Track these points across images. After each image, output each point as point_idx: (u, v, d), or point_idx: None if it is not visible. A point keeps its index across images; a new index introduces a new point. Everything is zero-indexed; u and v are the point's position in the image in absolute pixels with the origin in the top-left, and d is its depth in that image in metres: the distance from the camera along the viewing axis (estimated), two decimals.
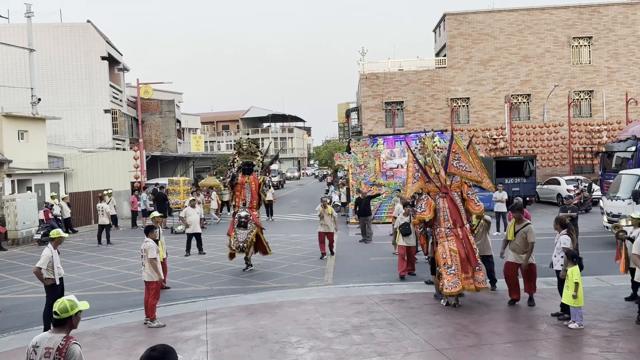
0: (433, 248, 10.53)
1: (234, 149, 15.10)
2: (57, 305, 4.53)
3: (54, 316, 4.52)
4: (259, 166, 14.90)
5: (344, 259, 15.87)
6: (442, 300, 10.30)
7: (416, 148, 11.31)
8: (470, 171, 10.31)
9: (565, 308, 9.01)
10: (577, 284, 8.44)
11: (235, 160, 14.73)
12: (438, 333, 8.67)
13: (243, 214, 14.06)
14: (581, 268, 8.75)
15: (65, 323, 4.52)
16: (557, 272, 9.39)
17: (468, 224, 10.44)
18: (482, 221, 11.13)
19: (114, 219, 24.24)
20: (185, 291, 12.70)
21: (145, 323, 9.81)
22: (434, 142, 10.93)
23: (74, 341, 4.43)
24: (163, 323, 9.78)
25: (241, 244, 13.90)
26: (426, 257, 12.06)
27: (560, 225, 9.61)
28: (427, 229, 10.77)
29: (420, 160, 10.58)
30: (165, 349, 3.62)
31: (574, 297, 8.47)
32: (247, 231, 13.96)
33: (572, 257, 8.69)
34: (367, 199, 19.85)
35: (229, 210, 29.60)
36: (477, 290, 10.18)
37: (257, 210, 14.65)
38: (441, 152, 10.76)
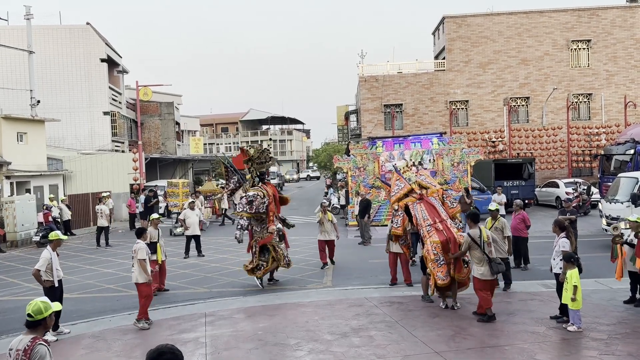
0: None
1: (250, 153, 13.17)
2: (30, 307, 4.51)
3: (28, 318, 4.50)
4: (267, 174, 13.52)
5: (343, 261, 15.84)
6: (442, 303, 10.34)
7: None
8: (435, 186, 11.63)
9: (563, 311, 9.02)
10: (575, 286, 8.43)
11: (251, 170, 13.07)
12: (437, 335, 8.68)
13: (280, 226, 13.03)
14: (580, 270, 8.76)
15: (39, 325, 4.52)
16: (557, 275, 9.34)
17: (450, 221, 10.69)
18: (496, 224, 11.60)
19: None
20: (184, 293, 12.70)
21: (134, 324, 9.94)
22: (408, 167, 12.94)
23: (40, 342, 4.42)
24: (148, 325, 9.83)
25: (287, 259, 12.96)
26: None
27: (559, 228, 9.58)
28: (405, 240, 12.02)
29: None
30: (175, 354, 3.50)
31: (573, 300, 8.47)
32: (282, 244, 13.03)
33: (569, 258, 8.67)
34: (367, 201, 19.87)
35: (223, 222, 27.10)
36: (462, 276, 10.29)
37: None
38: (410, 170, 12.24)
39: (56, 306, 4.68)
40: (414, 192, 11.21)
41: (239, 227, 12.53)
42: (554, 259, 9.46)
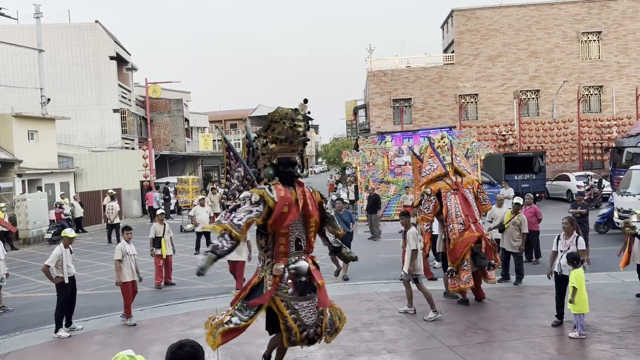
0: (444, 244, 10.38)
1: (263, 131, 6.65)
2: None
3: None
4: (302, 164, 6.79)
5: None
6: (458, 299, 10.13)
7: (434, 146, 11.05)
8: (470, 172, 10.96)
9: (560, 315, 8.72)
10: (574, 288, 7.86)
11: (260, 155, 6.72)
12: (448, 330, 8.66)
13: (303, 265, 6.52)
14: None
15: None
16: (564, 277, 8.49)
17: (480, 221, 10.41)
18: (515, 218, 11.54)
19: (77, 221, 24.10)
20: (196, 289, 12.75)
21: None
22: (444, 142, 10.89)
23: None
24: (134, 322, 9.99)
25: (312, 331, 6.42)
26: (436, 262, 12.40)
27: (573, 225, 8.76)
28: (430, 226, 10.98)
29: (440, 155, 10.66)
30: (195, 348, 3.40)
31: (571, 302, 7.94)
32: (315, 305, 6.49)
33: (578, 260, 8.13)
34: (376, 196, 19.85)
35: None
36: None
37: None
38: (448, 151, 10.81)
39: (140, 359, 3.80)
40: (449, 177, 10.36)
41: (208, 251, 6.10)
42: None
